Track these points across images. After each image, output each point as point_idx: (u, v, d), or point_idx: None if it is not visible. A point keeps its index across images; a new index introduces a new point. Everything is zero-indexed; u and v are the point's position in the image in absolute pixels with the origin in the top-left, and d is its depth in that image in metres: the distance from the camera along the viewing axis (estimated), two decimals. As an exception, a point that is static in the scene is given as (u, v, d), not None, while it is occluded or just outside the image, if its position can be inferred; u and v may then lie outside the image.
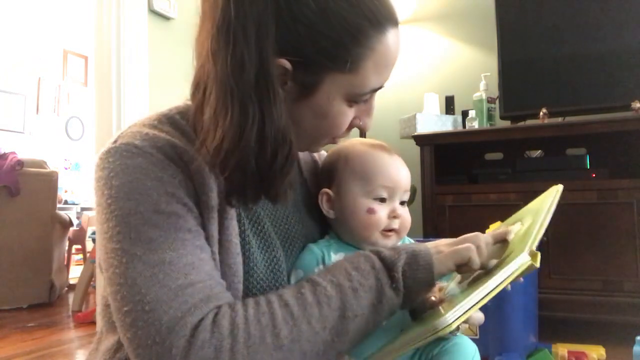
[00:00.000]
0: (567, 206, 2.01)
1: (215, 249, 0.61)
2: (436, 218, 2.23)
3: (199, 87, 0.62)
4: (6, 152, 3.20)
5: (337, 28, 0.59)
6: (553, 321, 1.98)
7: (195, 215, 0.60)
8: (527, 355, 1.63)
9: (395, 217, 0.74)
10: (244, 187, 0.59)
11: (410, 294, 0.61)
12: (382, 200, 0.74)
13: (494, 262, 0.62)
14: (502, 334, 1.56)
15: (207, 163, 0.58)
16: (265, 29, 0.57)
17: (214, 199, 0.61)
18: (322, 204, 0.78)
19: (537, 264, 0.56)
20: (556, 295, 1.96)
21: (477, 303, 0.53)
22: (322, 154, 0.91)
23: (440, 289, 0.68)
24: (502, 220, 0.85)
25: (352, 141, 0.80)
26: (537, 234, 0.59)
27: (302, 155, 0.85)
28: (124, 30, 2.26)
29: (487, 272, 0.61)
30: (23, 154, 3.38)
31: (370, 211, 0.73)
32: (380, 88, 0.66)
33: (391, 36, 0.63)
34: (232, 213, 0.64)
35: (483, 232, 0.81)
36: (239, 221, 0.65)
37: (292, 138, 0.61)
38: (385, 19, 0.62)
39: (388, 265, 0.60)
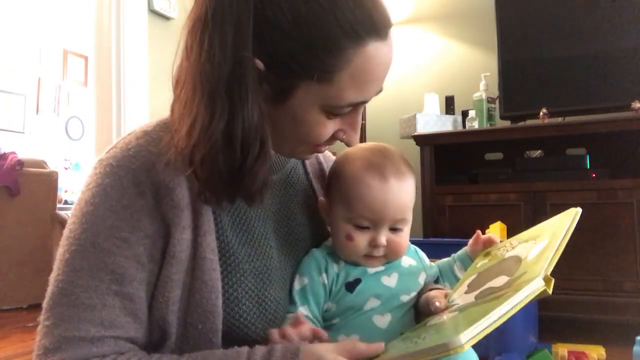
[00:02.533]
0: (567, 206, 1.99)
1: (181, 268, 0.61)
2: (436, 218, 2.23)
3: (176, 84, 0.63)
4: (6, 152, 3.19)
5: (308, 36, 0.57)
6: (553, 321, 1.98)
7: (134, 253, 0.60)
8: (527, 355, 1.62)
9: (375, 246, 0.70)
10: (212, 185, 0.59)
11: None
12: (365, 227, 0.70)
13: (504, 279, 0.61)
14: (502, 334, 1.56)
15: (176, 157, 0.59)
16: (244, 27, 0.57)
17: (185, 218, 0.62)
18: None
19: (550, 290, 0.55)
20: (556, 295, 1.95)
21: (489, 326, 0.52)
22: (327, 154, 0.90)
23: (446, 295, 0.67)
24: (502, 220, 0.85)
25: (352, 155, 0.75)
26: (553, 258, 0.59)
27: None
28: (124, 30, 2.26)
29: (497, 289, 0.60)
30: (23, 154, 3.37)
31: (348, 237, 0.70)
32: (363, 103, 0.64)
33: (372, 50, 0.59)
34: (207, 228, 0.63)
35: (483, 232, 0.81)
36: (220, 235, 0.65)
37: (265, 138, 0.60)
38: (364, 31, 0.58)
39: None
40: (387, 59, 0.62)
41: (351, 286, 0.71)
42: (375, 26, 0.60)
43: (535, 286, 0.55)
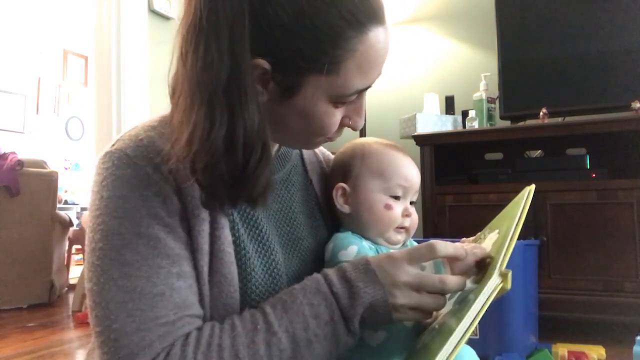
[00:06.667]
0: (567, 206, 2.00)
1: (206, 260, 0.62)
2: (436, 218, 2.23)
3: (174, 91, 0.62)
4: (6, 152, 3.20)
5: (313, 30, 0.57)
6: (553, 321, 1.98)
7: (178, 236, 0.60)
8: (527, 355, 1.62)
9: (407, 215, 0.76)
10: (215, 191, 0.59)
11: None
12: (397, 198, 0.75)
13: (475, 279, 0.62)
14: (502, 334, 1.56)
15: (176, 166, 0.58)
16: (240, 30, 0.56)
17: (203, 211, 0.62)
18: (336, 199, 0.77)
19: (509, 285, 0.54)
20: (556, 295, 1.96)
21: (456, 344, 0.51)
22: (327, 154, 0.90)
23: None
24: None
25: (366, 139, 0.81)
26: (506, 251, 0.57)
27: (307, 156, 0.84)
28: (124, 30, 2.26)
29: (470, 290, 0.59)
30: (23, 154, 3.37)
31: (388, 207, 0.74)
32: (367, 88, 0.65)
33: (374, 35, 0.60)
34: (224, 222, 0.63)
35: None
36: (232, 229, 0.65)
37: (267, 140, 0.60)
38: (366, 18, 0.59)
39: (346, 317, 0.58)
40: (388, 43, 0.63)
41: None
42: (375, 12, 0.60)
43: (492, 286, 0.54)
